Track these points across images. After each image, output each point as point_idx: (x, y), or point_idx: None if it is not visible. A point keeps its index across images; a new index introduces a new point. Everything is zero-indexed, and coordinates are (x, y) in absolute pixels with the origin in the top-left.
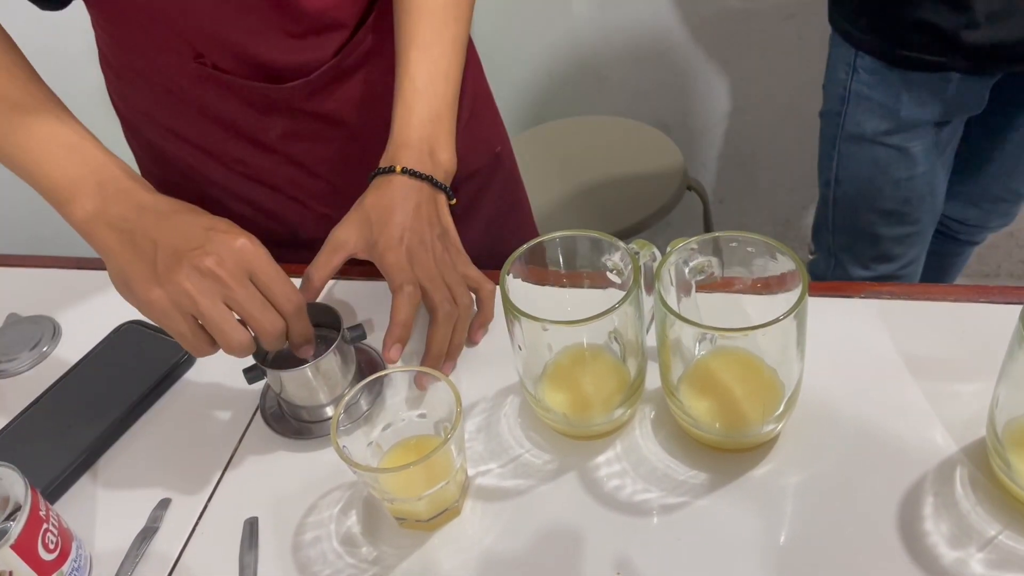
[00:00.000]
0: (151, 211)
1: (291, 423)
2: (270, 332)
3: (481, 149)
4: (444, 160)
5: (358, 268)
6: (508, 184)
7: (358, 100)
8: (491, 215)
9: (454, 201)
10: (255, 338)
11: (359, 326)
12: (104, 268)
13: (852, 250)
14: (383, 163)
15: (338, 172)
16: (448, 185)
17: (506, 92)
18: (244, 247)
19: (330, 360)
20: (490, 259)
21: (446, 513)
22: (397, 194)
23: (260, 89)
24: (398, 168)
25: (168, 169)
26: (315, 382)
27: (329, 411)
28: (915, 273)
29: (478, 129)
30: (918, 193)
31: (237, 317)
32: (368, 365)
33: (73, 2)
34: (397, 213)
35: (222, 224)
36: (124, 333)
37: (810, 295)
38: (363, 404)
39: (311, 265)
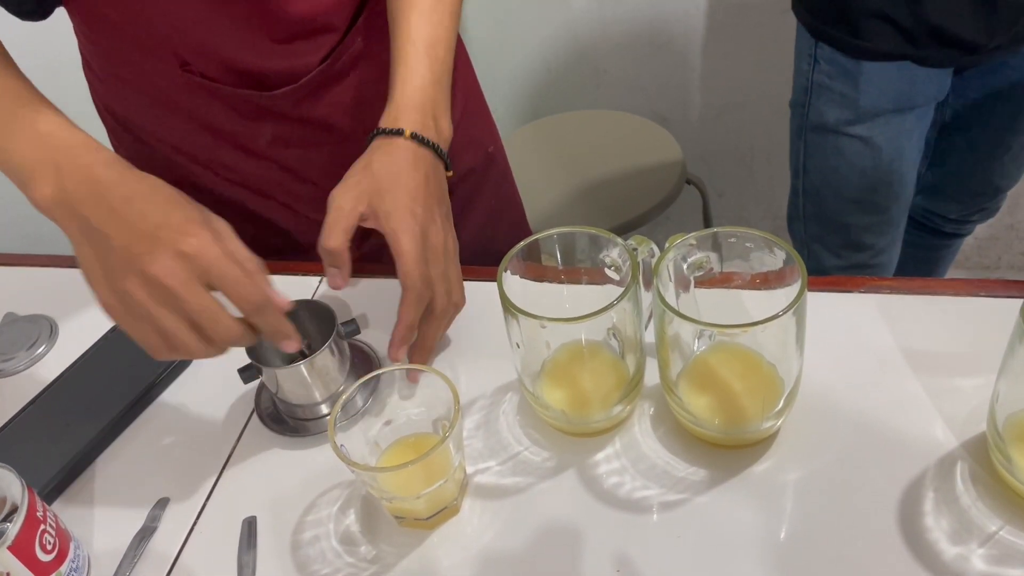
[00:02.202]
0: (107, 195)
1: (287, 422)
2: (226, 342)
3: (474, 148)
4: (444, 128)
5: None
6: (501, 183)
7: (348, 105)
8: (485, 215)
9: (451, 173)
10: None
11: (352, 321)
12: None
13: (823, 239)
14: (387, 123)
15: (329, 177)
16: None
17: (504, 87)
18: (193, 250)
19: (325, 357)
20: (484, 259)
21: (445, 511)
22: (405, 162)
23: (248, 96)
24: (407, 132)
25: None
26: (310, 380)
27: (325, 409)
28: (890, 261)
29: (470, 128)
30: (884, 181)
31: None
32: (363, 361)
33: (57, 9)
34: (407, 183)
35: (176, 217)
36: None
37: (809, 290)
38: (359, 401)
39: (322, 237)
